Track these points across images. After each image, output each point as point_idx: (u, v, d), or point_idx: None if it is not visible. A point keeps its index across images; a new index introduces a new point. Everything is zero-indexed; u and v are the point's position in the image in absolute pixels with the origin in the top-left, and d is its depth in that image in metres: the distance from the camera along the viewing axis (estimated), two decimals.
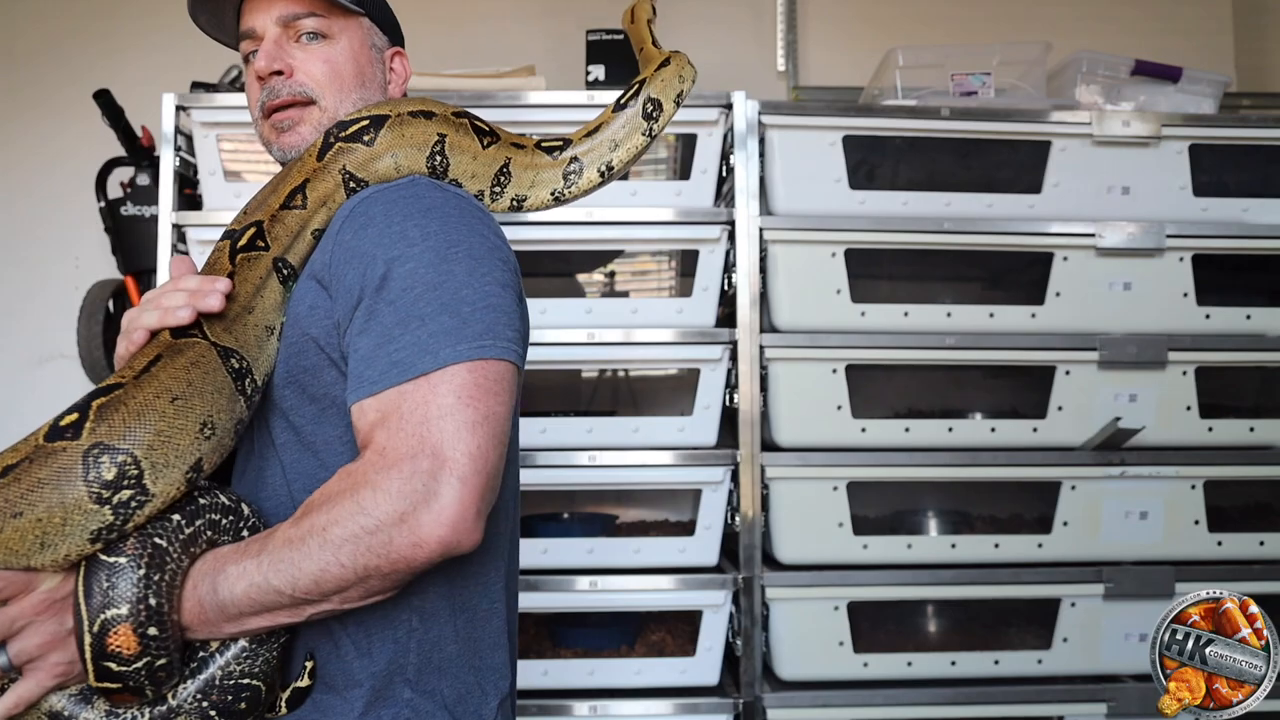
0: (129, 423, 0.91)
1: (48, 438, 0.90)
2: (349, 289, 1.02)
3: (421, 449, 0.93)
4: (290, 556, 0.93)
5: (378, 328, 0.99)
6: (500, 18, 2.94)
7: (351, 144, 1.14)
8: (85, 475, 0.89)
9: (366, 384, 0.98)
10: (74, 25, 2.99)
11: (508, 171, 1.22)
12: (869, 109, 2.27)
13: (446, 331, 0.97)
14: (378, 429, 0.96)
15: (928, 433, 2.19)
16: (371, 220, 1.04)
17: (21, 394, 2.94)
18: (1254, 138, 2.29)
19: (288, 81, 1.18)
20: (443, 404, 0.94)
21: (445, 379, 0.96)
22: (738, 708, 2.10)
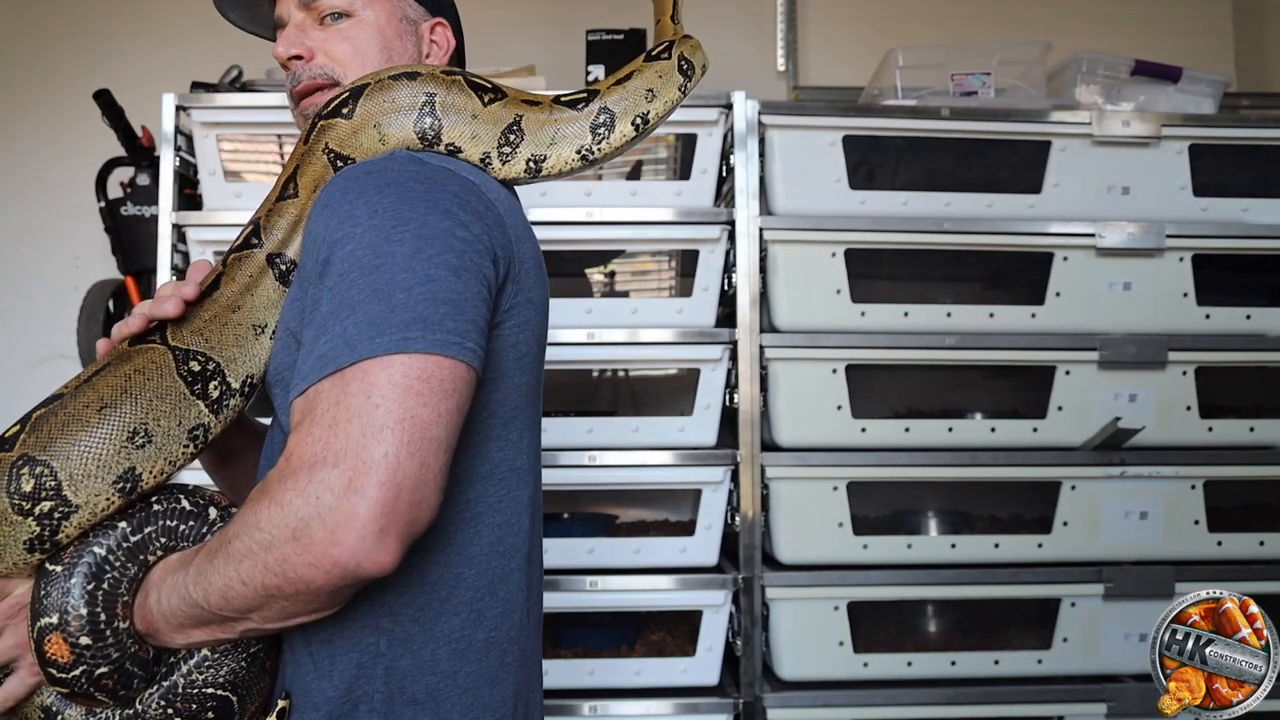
0: (53, 434, 0.91)
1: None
2: (308, 276, 0.95)
3: (324, 456, 0.82)
4: (205, 569, 0.88)
5: (318, 318, 0.90)
6: (500, 18, 2.93)
7: (332, 120, 1.06)
8: (7, 487, 0.90)
9: (298, 380, 0.89)
10: (74, 25, 2.99)
11: (518, 129, 1.09)
12: (869, 109, 2.27)
13: (371, 321, 0.86)
14: (293, 431, 0.87)
15: (928, 433, 2.19)
16: (330, 201, 0.96)
17: (21, 394, 2.93)
18: (1254, 138, 2.29)
19: (308, 65, 1.14)
20: (351, 404, 0.83)
21: (358, 376, 0.84)
22: (738, 708, 2.10)
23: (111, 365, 0.96)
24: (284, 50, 1.14)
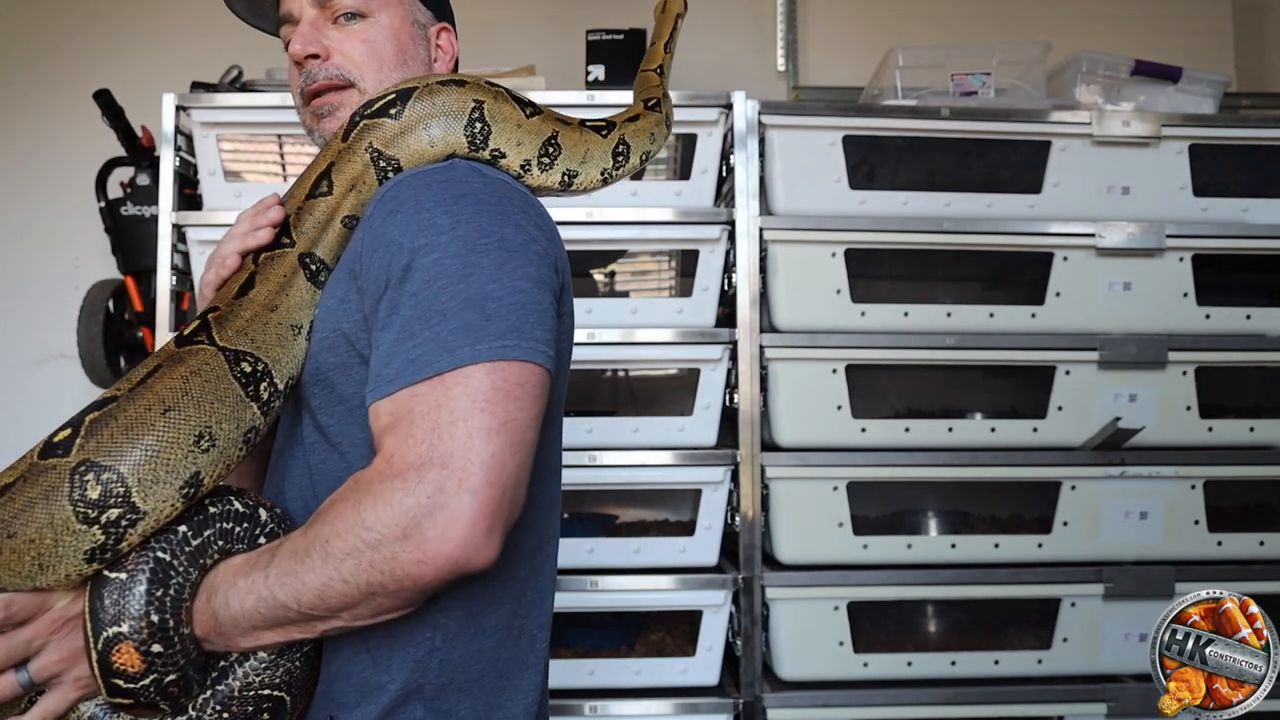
0: (117, 438, 0.87)
1: (41, 454, 0.87)
2: (376, 280, 0.96)
3: (430, 457, 0.85)
4: (295, 570, 0.88)
5: (398, 322, 0.92)
6: (500, 18, 2.94)
7: (378, 119, 1.06)
8: (71, 494, 0.85)
9: (383, 383, 0.91)
10: (74, 25, 2.99)
11: (556, 143, 1.14)
12: (869, 109, 2.27)
13: (467, 328, 0.90)
14: (388, 433, 0.89)
15: (928, 433, 2.19)
16: (401, 206, 0.97)
17: (21, 394, 2.94)
18: (1254, 138, 2.29)
19: (324, 65, 1.14)
20: (456, 408, 0.87)
21: (460, 380, 0.88)
22: (738, 708, 2.10)
23: (164, 367, 0.92)
24: (301, 48, 1.13)
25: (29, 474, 0.87)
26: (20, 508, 0.86)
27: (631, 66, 1.49)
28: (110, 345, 2.66)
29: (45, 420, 3.30)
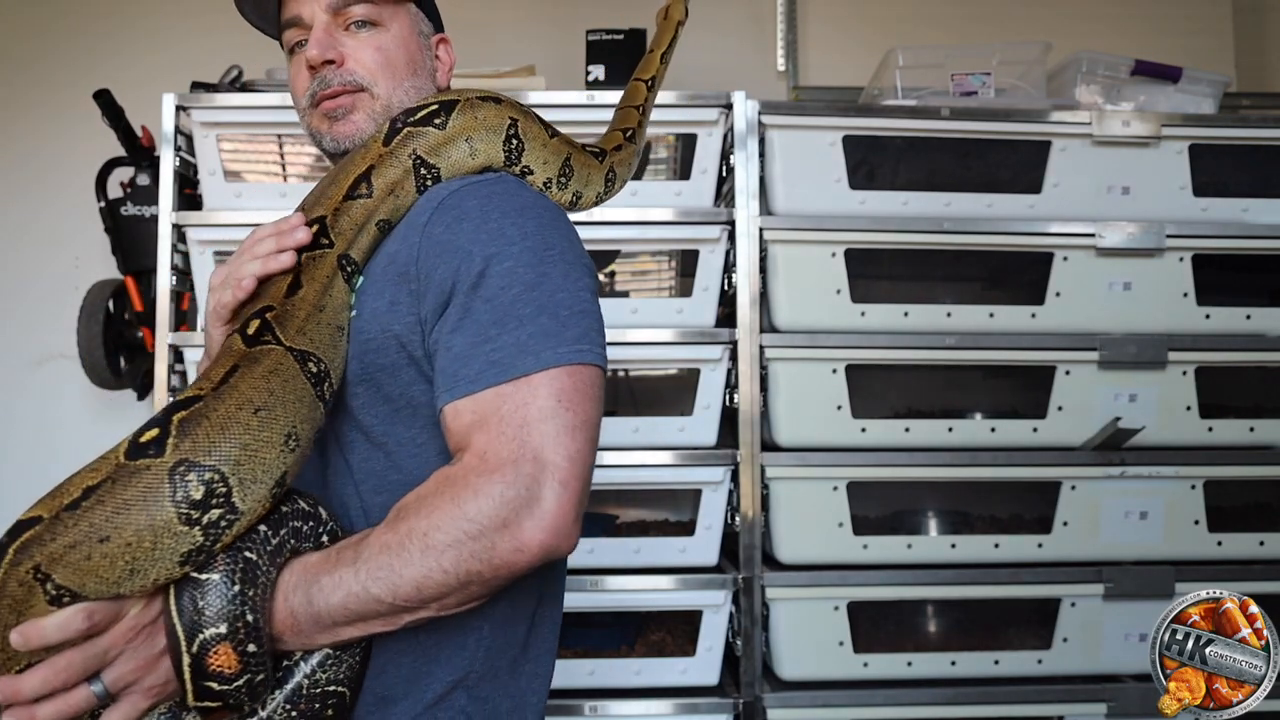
0: (213, 437, 0.86)
1: (129, 455, 0.85)
2: (439, 285, 0.99)
3: (523, 453, 0.91)
4: (390, 563, 0.90)
5: (472, 326, 0.97)
6: (500, 18, 2.94)
7: (422, 128, 1.09)
8: (173, 495, 0.84)
9: (463, 383, 0.95)
10: (74, 25, 3.00)
11: (570, 166, 1.21)
12: (869, 109, 2.27)
13: (546, 333, 0.96)
14: (476, 431, 0.94)
15: (928, 433, 2.19)
16: (466, 215, 1.02)
17: (21, 394, 2.94)
18: (1254, 138, 2.29)
19: (339, 71, 1.15)
20: (543, 407, 0.93)
21: (546, 381, 0.94)
22: (738, 708, 2.10)
23: (243, 367, 0.92)
24: (319, 54, 1.14)
25: (117, 475, 0.84)
26: (113, 510, 0.83)
27: (631, 67, 1.50)
28: (110, 345, 2.66)
29: (45, 420, 3.31)
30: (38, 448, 2.91)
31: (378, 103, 1.16)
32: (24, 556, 0.82)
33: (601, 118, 2.17)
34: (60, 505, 0.83)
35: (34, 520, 0.83)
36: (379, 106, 1.16)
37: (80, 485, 0.84)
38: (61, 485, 0.85)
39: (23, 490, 1.13)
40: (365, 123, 1.15)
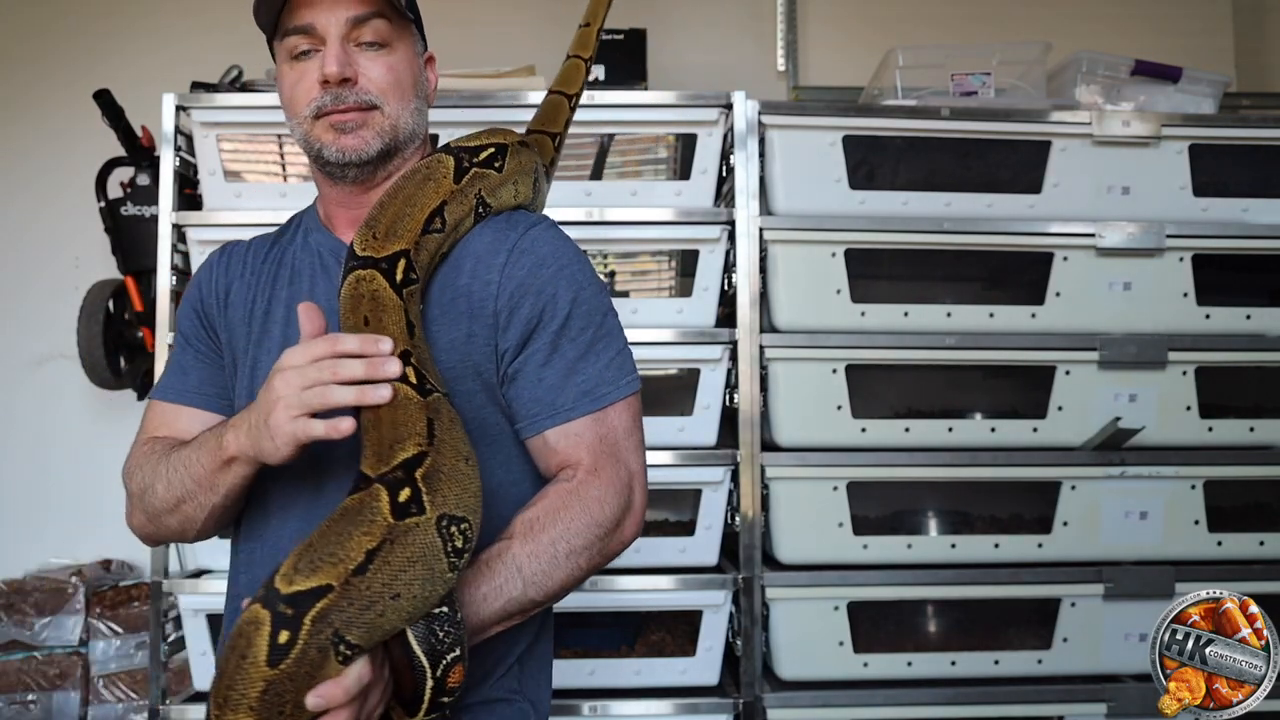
0: (454, 490, 0.94)
1: (396, 516, 0.89)
2: (524, 321, 1.12)
3: (620, 467, 1.12)
4: (549, 572, 1.05)
5: (561, 361, 1.13)
6: (500, 18, 2.94)
7: (485, 170, 1.19)
8: (444, 547, 0.92)
9: (563, 411, 1.12)
10: (74, 25, 3.00)
11: (541, 177, 1.33)
12: (869, 109, 2.27)
13: (618, 367, 1.15)
14: (582, 450, 1.11)
15: (928, 433, 2.19)
16: (543, 261, 1.15)
17: (21, 394, 2.94)
18: (1254, 138, 2.29)
19: (354, 89, 1.17)
20: (626, 428, 1.14)
21: (625, 407, 1.15)
22: (738, 708, 2.10)
23: (435, 419, 0.97)
24: (338, 71, 1.16)
25: (393, 536, 0.89)
26: (399, 569, 0.89)
27: (631, 66, 1.50)
28: (110, 345, 2.66)
29: (45, 420, 3.31)
30: (38, 448, 2.91)
31: (386, 121, 1.19)
32: (323, 625, 0.85)
33: (601, 118, 2.18)
34: (347, 571, 0.86)
35: (324, 589, 0.85)
36: (387, 125, 1.19)
37: (360, 549, 0.87)
38: (327, 550, 0.87)
39: (23, 490, 1.13)
40: (373, 139, 1.18)
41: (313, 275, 1.24)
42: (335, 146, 1.18)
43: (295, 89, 1.20)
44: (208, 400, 1.25)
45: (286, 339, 1.18)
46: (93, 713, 2.69)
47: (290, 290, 1.23)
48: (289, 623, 0.83)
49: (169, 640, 2.16)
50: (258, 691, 0.83)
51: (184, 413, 1.25)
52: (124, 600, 2.74)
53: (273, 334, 1.21)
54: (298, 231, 1.29)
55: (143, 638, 2.68)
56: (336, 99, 1.17)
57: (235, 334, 1.25)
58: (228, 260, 1.30)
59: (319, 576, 0.85)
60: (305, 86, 1.19)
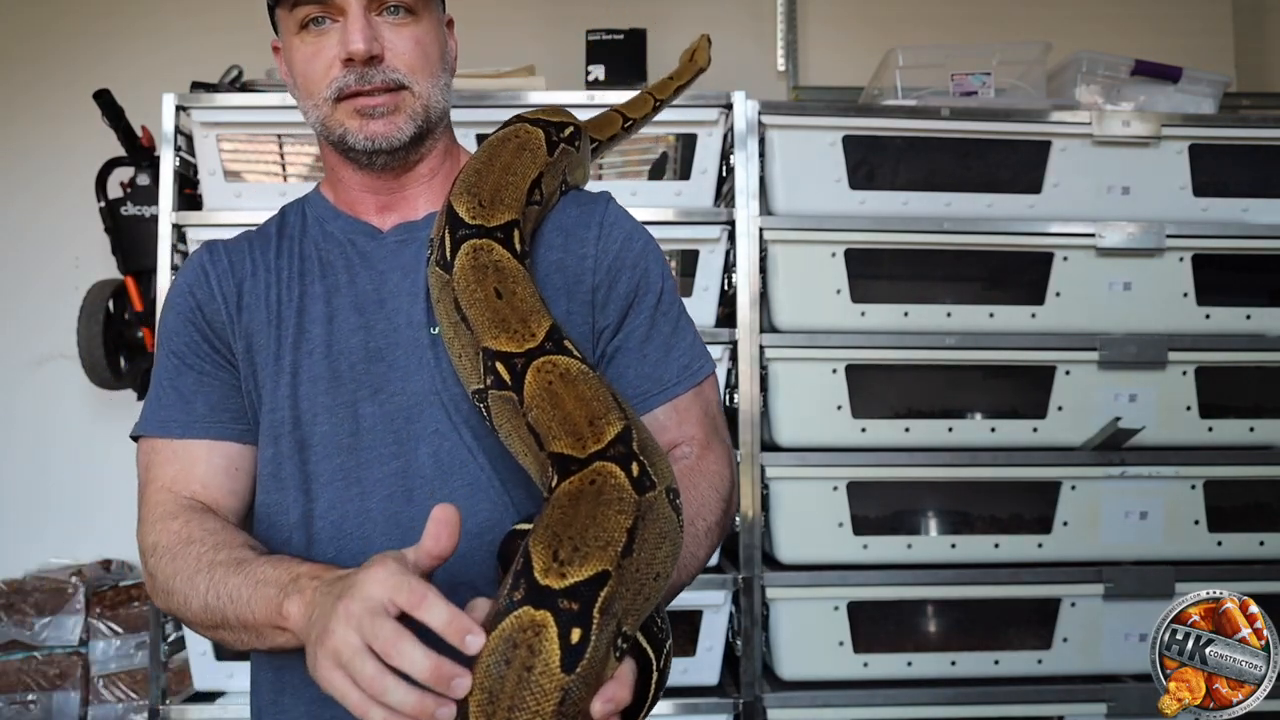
0: (661, 459, 0.91)
1: (637, 490, 0.81)
2: (622, 297, 1.10)
3: (724, 436, 1.13)
4: (691, 551, 1.00)
5: (659, 337, 1.11)
6: (500, 18, 2.94)
7: (569, 146, 1.14)
8: (677, 518, 0.86)
9: (669, 387, 1.10)
10: (74, 25, 3.00)
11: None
12: (869, 109, 2.27)
13: (698, 339, 1.16)
14: (692, 426, 1.10)
15: (928, 433, 2.19)
16: (630, 236, 1.13)
17: (21, 394, 2.94)
18: (1254, 138, 2.29)
19: (381, 67, 1.06)
20: (718, 400, 1.16)
21: (713, 381, 1.15)
22: (738, 708, 2.10)
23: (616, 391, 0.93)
24: (364, 48, 1.04)
25: (642, 512, 0.80)
26: (654, 545, 0.81)
27: (631, 66, 1.51)
28: (110, 345, 2.66)
29: (45, 420, 3.30)
30: (37, 448, 2.91)
31: (418, 102, 1.09)
32: (609, 617, 0.75)
33: None
34: (616, 554, 0.76)
35: (603, 576, 0.75)
36: (419, 106, 1.09)
37: (620, 528, 0.77)
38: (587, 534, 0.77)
39: (23, 490, 1.13)
40: (406, 124, 1.08)
41: (349, 266, 1.13)
42: (363, 134, 1.07)
43: (310, 66, 1.08)
44: (224, 429, 1.11)
45: (330, 340, 1.09)
46: (93, 713, 2.69)
47: (325, 284, 1.12)
48: (577, 619, 0.72)
49: (169, 640, 2.16)
50: (554, 705, 0.72)
51: (198, 449, 1.10)
52: (124, 600, 2.74)
53: (312, 334, 1.10)
54: (306, 222, 1.18)
55: (143, 638, 2.68)
56: (362, 79, 1.05)
57: (258, 338, 1.12)
58: (227, 259, 1.15)
59: (592, 563, 0.75)
60: (322, 64, 1.07)
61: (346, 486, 1.07)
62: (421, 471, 1.06)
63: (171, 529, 1.03)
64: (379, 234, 1.14)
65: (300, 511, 1.08)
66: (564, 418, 0.86)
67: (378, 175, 1.13)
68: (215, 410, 1.11)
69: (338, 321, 1.10)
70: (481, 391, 0.96)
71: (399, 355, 1.09)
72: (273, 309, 1.12)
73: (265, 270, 1.14)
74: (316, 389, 1.08)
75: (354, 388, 1.08)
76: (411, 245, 1.13)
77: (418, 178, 1.15)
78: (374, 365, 1.09)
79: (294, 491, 1.08)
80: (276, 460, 1.09)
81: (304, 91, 1.10)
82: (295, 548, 1.07)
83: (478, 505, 1.05)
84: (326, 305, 1.11)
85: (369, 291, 1.11)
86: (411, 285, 1.11)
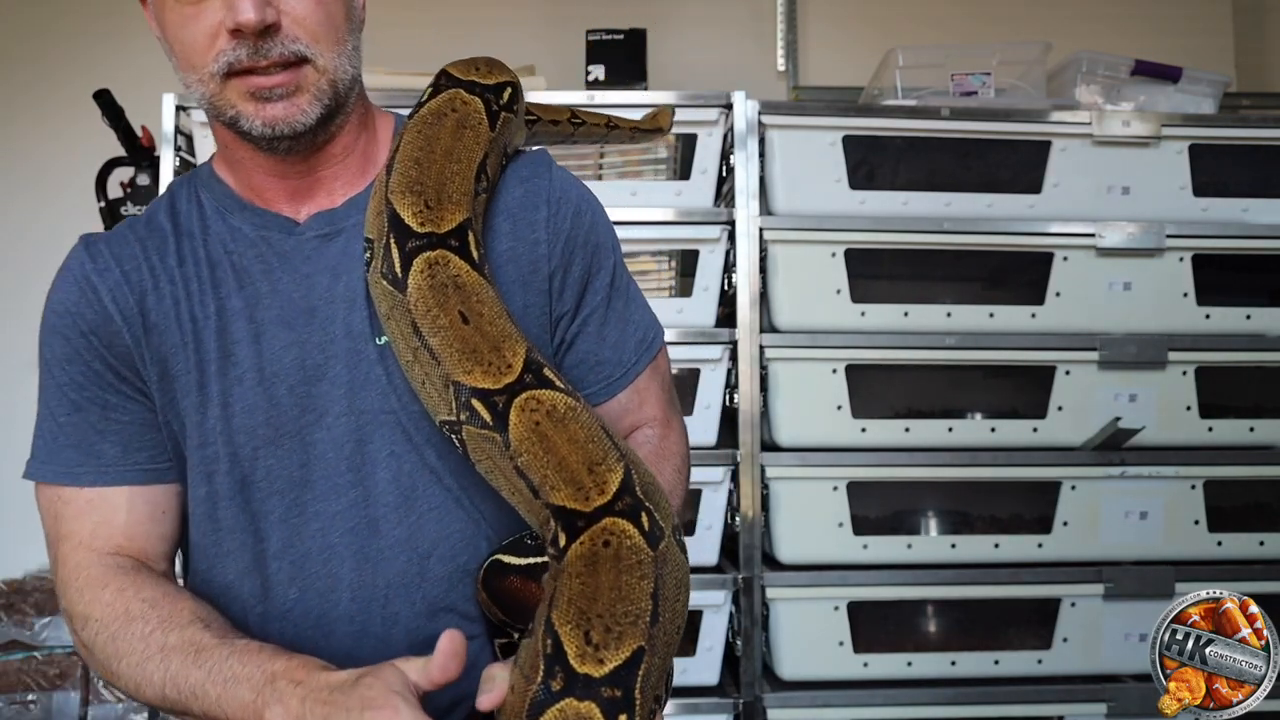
0: (660, 493, 0.90)
1: (651, 545, 0.79)
2: (577, 280, 1.03)
3: (678, 406, 1.11)
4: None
5: (615, 315, 1.05)
6: (500, 17, 2.93)
7: (509, 113, 1.00)
8: (686, 558, 0.86)
9: (631, 369, 1.05)
10: (74, 25, 2.99)
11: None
12: (869, 109, 2.27)
13: (646, 303, 1.11)
14: (652, 405, 1.07)
15: (928, 433, 2.19)
16: (580, 210, 1.05)
17: (21, 394, 2.93)
18: (1254, 138, 2.29)
19: (278, 38, 0.89)
20: (668, 364, 1.12)
21: (664, 349, 1.11)
22: (738, 708, 2.10)
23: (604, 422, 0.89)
24: (256, 17, 0.86)
25: (659, 569, 0.78)
26: (672, 599, 0.79)
27: (631, 66, 1.51)
28: None
29: None
30: None
31: (323, 78, 0.93)
32: (648, 691, 0.74)
33: None
34: (647, 626, 0.74)
35: (639, 653, 0.73)
36: (325, 83, 0.93)
37: (645, 595, 0.76)
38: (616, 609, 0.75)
39: (23, 490, 1.12)
40: (310, 105, 0.92)
41: (268, 271, 0.98)
42: (260, 119, 0.92)
43: (186, 33, 0.90)
44: (142, 472, 0.98)
45: (261, 362, 0.96)
46: (93, 713, 2.69)
47: (244, 296, 0.98)
48: (621, 705, 0.71)
49: None
50: None
51: (116, 497, 0.97)
52: None
53: (239, 357, 0.97)
54: (205, 214, 1.02)
55: None
56: (256, 53, 0.89)
57: (173, 364, 0.97)
58: (118, 269, 0.99)
59: (628, 643, 0.73)
60: (202, 32, 0.89)
61: (303, 523, 0.97)
62: (383, 499, 0.96)
63: (103, 600, 0.92)
64: (295, 227, 1.00)
65: (250, 555, 0.97)
66: (559, 464, 0.81)
67: (283, 160, 0.98)
68: (129, 451, 0.98)
69: (266, 339, 0.97)
70: (454, 424, 0.87)
71: (340, 371, 0.97)
72: (187, 329, 0.97)
73: (169, 281, 0.99)
74: (253, 420, 0.96)
75: (296, 414, 0.96)
76: (336, 240, 0.99)
77: (330, 158, 1.00)
78: (314, 386, 0.96)
79: (239, 534, 0.97)
80: (211, 500, 0.97)
81: (182, 61, 0.93)
82: (248, 594, 0.97)
83: (449, 528, 0.98)
84: (250, 321, 0.97)
85: (295, 300, 0.98)
86: (345, 290, 0.98)
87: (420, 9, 2.82)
